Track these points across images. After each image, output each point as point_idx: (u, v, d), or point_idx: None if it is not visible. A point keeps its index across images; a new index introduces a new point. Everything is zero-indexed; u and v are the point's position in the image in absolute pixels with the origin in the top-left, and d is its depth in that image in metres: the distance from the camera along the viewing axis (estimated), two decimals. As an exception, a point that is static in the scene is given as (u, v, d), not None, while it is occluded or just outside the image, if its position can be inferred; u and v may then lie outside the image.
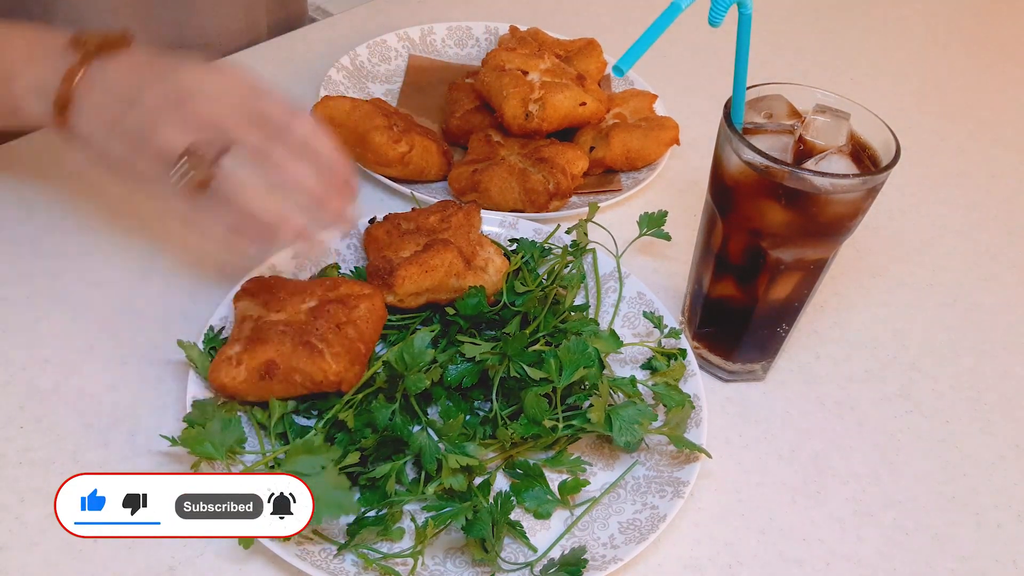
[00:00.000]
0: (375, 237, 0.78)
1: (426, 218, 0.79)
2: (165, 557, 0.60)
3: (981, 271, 0.96)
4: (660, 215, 0.82)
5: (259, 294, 0.70)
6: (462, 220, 0.79)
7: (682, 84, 1.15)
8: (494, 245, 0.79)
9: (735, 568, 0.65)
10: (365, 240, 0.79)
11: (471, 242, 0.77)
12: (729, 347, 0.77)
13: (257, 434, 0.66)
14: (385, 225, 0.78)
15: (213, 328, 0.71)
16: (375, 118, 0.89)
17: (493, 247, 0.78)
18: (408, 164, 0.89)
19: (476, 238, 0.78)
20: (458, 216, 0.79)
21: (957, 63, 1.35)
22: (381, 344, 0.73)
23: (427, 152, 0.90)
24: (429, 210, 0.80)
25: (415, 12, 1.22)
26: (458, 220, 0.78)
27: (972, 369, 0.84)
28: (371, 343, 0.69)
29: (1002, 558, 0.68)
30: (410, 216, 0.79)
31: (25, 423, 0.67)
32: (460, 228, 0.78)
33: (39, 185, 0.87)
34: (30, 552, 0.60)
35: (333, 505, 0.56)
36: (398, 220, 0.79)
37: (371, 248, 0.78)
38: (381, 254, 0.75)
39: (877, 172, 0.65)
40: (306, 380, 0.65)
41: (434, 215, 0.79)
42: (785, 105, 0.72)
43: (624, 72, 0.61)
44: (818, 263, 0.71)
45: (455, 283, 0.73)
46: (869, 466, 0.74)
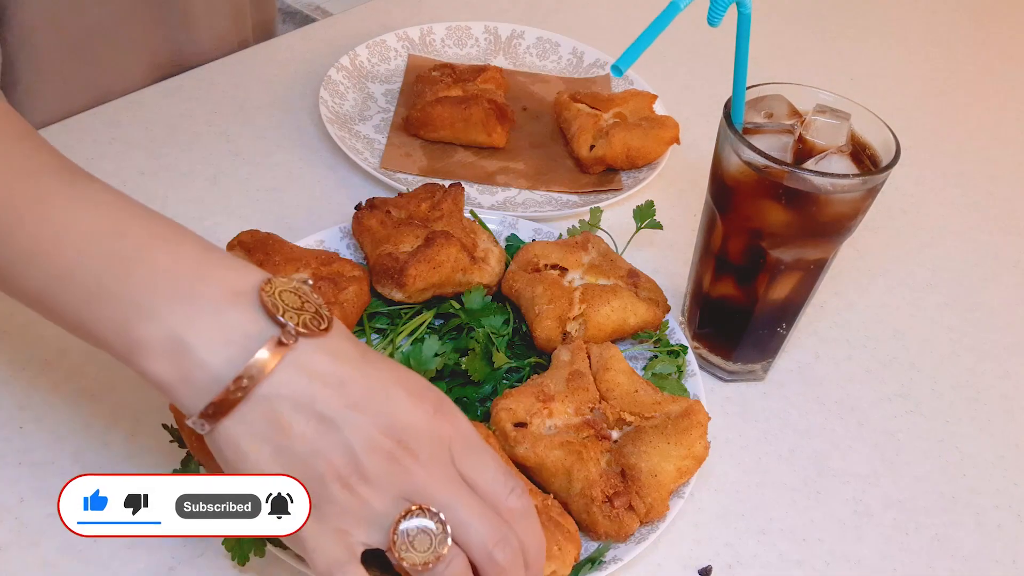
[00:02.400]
0: (368, 227, 0.76)
1: (417, 205, 0.78)
2: (165, 557, 0.60)
3: (981, 271, 0.96)
4: (648, 205, 0.81)
5: (254, 250, 0.71)
6: (451, 205, 0.78)
7: (682, 84, 1.15)
8: (485, 232, 0.79)
9: (735, 568, 0.65)
10: (356, 229, 0.77)
11: (466, 230, 0.77)
12: (729, 347, 0.77)
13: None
14: (376, 214, 0.77)
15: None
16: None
17: (486, 234, 0.78)
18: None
19: (468, 225, 0.78)
20: (447, 202, 0.78)
21: (957, 63, 1.35)
22: (377, 336, 0.74)
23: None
24: (416, 195, 0.79)
25: (414, 12, 1.22)
26: (448, 206, 0.78)
27: (972, 369, 0.84)
28: (353, 324, 0.71)
29: (1002, 558, 0.68)
30: (399, 203, 0.79)
31: (25, 423, 0.67)
32: (452, 215, 0.78)
33: (39, 185, 0.87)
34: (30, 552, 0.60)
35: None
36: (387, 207, 0.78)
37: (365, 239, 0.77)
38: (382, 249, 0.74)
39: (877, 172, 0.65)
40: None
41: (424, 201, 0.79)
42: (785, 105, 0.72)
43: (623, 71, 0.61)
44: (818, 263, 0.71)
45: (461, 277, 0.73)
46: (869, 466, 0.74)
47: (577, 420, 0.64)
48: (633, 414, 0.64)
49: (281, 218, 0.87)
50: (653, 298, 0.75)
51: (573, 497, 0.61)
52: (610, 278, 0.75)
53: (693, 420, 0.63)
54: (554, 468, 0.62)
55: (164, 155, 0.93)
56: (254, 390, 0.45)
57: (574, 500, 0.61)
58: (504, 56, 1.15)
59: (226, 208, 0.88)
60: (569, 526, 0.59)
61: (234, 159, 0.93)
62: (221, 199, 0.89)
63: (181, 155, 0.93)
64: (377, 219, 0.77)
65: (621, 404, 0.65)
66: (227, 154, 0.94)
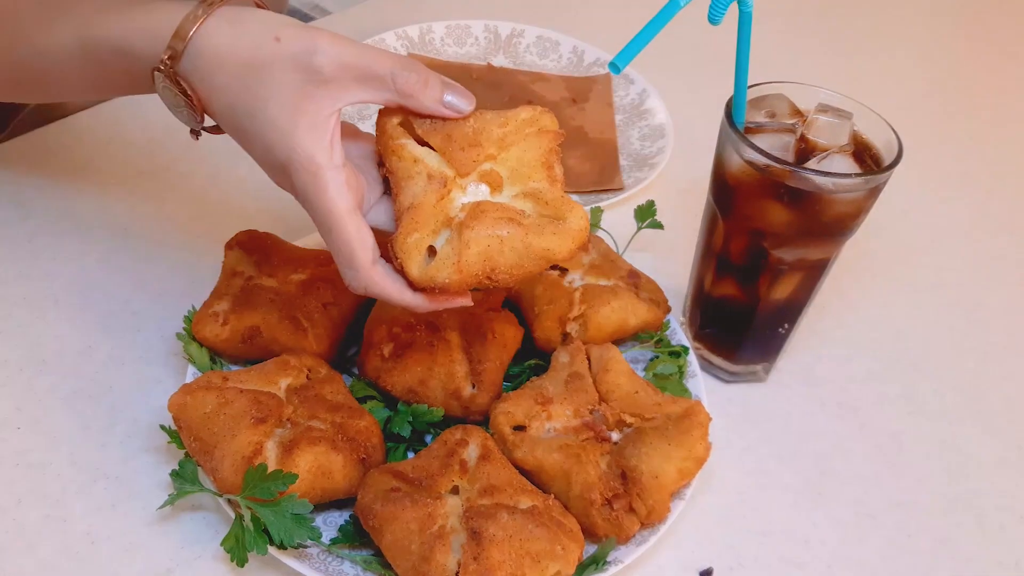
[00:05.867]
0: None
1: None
2: (163, 559, 0.60)
3: (984, 272, 0.95)
4: (648, 205, 0.81)
5: (252, 251, 0.72)
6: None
7: (683, 83, 1.14)
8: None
9: (736, 571, 0.65)
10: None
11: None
12: (730, 348, 0.76)
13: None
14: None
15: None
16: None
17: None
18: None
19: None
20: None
21: (960, 62, 1.34)
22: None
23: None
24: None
25: (414, 11, 1.21)
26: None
27: (975, 370, 0.83)
28: (349, 319, 0.72)
29: (1005, 560, 0.68)
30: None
31: (22, 424, 0.67)
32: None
33: (36, 185, 0.86)
34: (28, 554, 0.59)
35: (289, 533, 0.57)
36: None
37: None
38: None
39: (879, 172, 0.65)
40: (284, 351, 0.67)
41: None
42: (787, 104, 0.71)
43: (621, 69, 0.61)
44: (820, 263, 0.71)
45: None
46: (871, 468, 0.73)
47: (576, 422, 0.64)
48: (633, 415, 0.64)
49: (280, 218, 0.86)
50: (654, 299, 0.75)
51: (572, 500, 0.61)
52: (610, 278, 0.74)
53: (694, 421, 0.63)
54: (553, 471, 0.61)
55: (164, 155, 0.92)
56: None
57: (573, 503, 0.61)
58: (504, 55, 1.15)
59: (225, 208, 0.88)
60: (572, 525, 0.59)
61: (233, 159, 0.93)
62: (220, 199, 0.89)
63: (181, 155, 0.93)
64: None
65: (621, 405, 0.65)
66: (226, 154, 0.93)
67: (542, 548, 0.55)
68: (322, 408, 0.63)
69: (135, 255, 0.81)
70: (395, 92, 0.56)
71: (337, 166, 0.55)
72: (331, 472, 0.60)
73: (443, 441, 0.62)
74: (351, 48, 0.55)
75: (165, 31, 0.56)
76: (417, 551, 0.55)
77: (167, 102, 0.60)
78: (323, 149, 0.54)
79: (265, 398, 0.61)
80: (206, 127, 0.61)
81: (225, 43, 0.56)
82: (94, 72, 0.63)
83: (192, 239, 0.83)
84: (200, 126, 0.60)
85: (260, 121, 0.55)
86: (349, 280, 0.57)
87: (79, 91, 0.67)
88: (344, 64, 0.54)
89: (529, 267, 0.56)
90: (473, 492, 0.59)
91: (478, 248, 0.55)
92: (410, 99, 0.56)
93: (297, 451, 0.58)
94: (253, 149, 0.57)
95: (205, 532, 0.62)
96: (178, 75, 0.57)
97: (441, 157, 0.57)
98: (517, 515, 0.56)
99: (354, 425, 0.62)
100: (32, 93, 0.74)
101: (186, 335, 0.69)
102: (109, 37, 0.59)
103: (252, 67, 0.55)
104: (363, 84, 0.55)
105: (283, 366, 0.65)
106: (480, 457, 0.61)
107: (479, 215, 0.55)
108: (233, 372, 0.64)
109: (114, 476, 0.64)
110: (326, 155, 0.54)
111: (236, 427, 0.59)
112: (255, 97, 0.55)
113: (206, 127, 0.61)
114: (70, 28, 0.61)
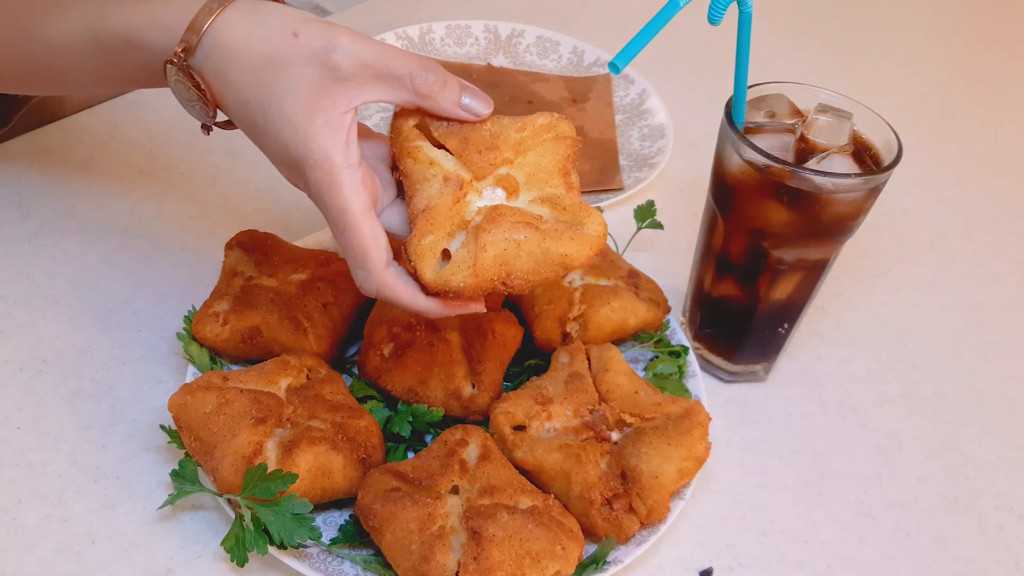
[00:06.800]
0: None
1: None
2: (163, 559, 0.60)
3: (983, 271, 0.95)
4: (648, 205, 0.81)
5: (253, 250, 0.72)
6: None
7: (682, 83, 1.14)
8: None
9: (736, 570, 0.65)
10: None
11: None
12: (730, 348, 0.76)
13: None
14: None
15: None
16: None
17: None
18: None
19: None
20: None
21: (960, 63, 1.34)
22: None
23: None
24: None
25: (414, 11, 1.21)
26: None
27: (974, 370, 0.84)
28: (350, 320, 0.72)
29: (1004, 560, 0.68)
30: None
31: (22, 424, 0.67)
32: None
33: (36, 185, 0.86)
34: (27, 554, 0.59)
35: (289, 533, 0.57)
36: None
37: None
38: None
39: (879, 172, 0.65)
40: (284, 351, 0.67)
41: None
42: (787, 104, 0.71)
43: (620, 69, 0.61)
44: (819, 263, 0.71)
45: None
46: (871, 468, 0.73)
47: (576, 422, 0.64)
48: (633, 415, 0.64)
49: (280, 218, 0.86)
50: (653, 298, 0.75)
51: (572, 500, 0.61)
52: (610, 278, 0.74)
53: (694, 421, 0.63)
54: (552, 471, 0.61)
55: (163, 155, 0.92)
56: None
57: (573, 503, 0.61)
58: (504, 55, 1.15)
59: (225, 208, 0.88)
60: (572, 525, 0.59)
61: (233, 159, 0.93)
62: (220, 199, 0.89)
63: (180, 155, 0.93)
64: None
65: (621, 405, 0.65)
66: (226, 154, 0.93)
67: (542, 548, 0.55)
68: (322, 408, 0.63)
69: (135, 255, 0.81)
70: (413, 92, 0.55)
71: (353, 165, 0.54)
72: (331, 472, 0.60)
73: (443, 441, 0.62)
74: (370, 46, 0.54)
75: (179, 23, 0.55)
76: (417, 551, 0.55)
77: (179, 96, 0.59)
78: (339, 147, 0.53)
79: (265, 398, 0.61)
80: (218, 122, 0.60)
81: (241, 37, 0.55)
82: (105, 64, 0.61)
83: (192, 239, 0.83)
84: (212, 121, 0.60)
85: (275, 117, 0.54)
86: (361, 282, 0.56)
87: (89, 84, 0.66)
88: (363, 62, 0.54)
89: (545, 273, 0.56)
90: (473, 492, 0.59)
91: (494, 252, 0.54)
92: (427, 100, 0.55)
93: (297, 451, 0.58)
94: (266, 145, 0.56)
95: (205, 532, 0.62)
96: (191, 69, 0.56)
97: (457, 160, 0.57)
98: (517, 515, 0.56)
99: (354, 425, 0.62)
100: (41, 85, 0.73)
101: (186, 335, 0.69)
102: (121, 29, 0.58)
103: (268, 62, 0.54)
104: (381, 83, 0.55)
105: (283, 366, 0.65)
106: (480, 457, 0.61)
107: (496, 218, 0.55)
108: (233, 372, 0.64)
109: (114, 476, 0.64)
110: (342, 153, 0.54)
111: (236, 427, 0.59)
112: (271, 92, 0.54)
113: (218, 122, 0.60)
114: (81, 19, 0.60)
